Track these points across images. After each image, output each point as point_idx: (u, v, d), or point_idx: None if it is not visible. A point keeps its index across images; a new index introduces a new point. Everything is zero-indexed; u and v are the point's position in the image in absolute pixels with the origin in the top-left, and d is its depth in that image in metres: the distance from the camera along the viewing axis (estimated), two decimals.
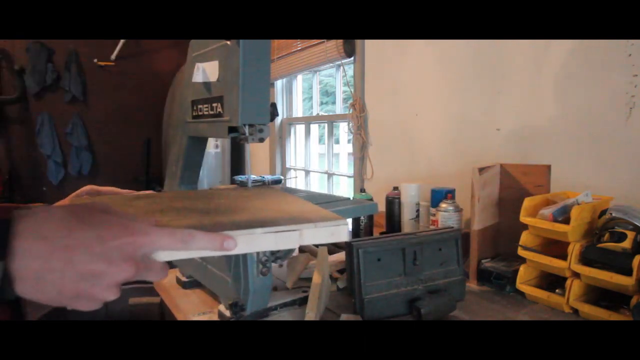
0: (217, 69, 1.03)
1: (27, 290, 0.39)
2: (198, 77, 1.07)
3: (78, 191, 0.82)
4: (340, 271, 1.24)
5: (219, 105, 1.03)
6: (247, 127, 0.97)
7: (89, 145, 3.98)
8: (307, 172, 3.10)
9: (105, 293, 0.41)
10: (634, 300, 0.91)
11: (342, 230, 0.57)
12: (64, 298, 0.40)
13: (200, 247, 0.46)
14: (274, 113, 1.00)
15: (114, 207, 0.45)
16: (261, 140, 1.00)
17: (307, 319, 0.94)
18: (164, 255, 0.45)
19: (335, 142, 2.85)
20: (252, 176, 2.75)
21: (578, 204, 1.06)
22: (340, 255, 1.33)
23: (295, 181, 3.14)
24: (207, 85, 1.08)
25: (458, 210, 1.39)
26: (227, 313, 0.98)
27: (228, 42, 0.98)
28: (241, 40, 0.93)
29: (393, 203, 1.67)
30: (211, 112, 1.08)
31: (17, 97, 3.78)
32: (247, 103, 0.96)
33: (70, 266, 0.39)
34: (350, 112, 2.29)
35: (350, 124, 2.32)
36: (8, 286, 0.38)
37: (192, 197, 0.79)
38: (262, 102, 0.98)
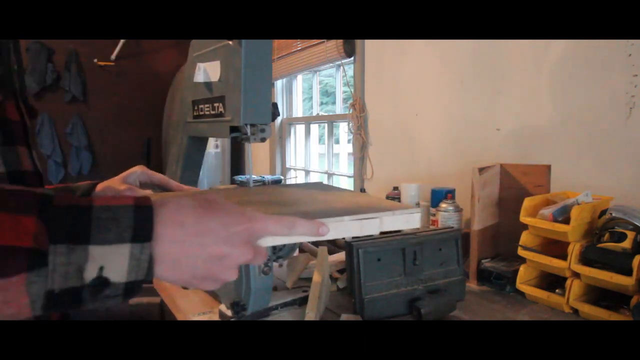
0: (219, 69, 1.03)
1: (164, 272, 0.42)
2: (199, 77, 1.07)
3: (129, 171, 0.84)
4: (340, 271, 1.24)
5: (221, 105, 1.03)
6: (248, 126, 0.97)
7: (89, 145, 3.98)
8: (307, 172, 3.10)
9: (228, 274, 0.46)
10: (634, 300, 0.91)
11: (415, 218, 0.62)
12: (195, 279, 0.44)
13: (300, 233, 0.50)
14: (275, 113, 1.00)
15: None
16: (263, 140, 1.00)
17: (307, 319, 0.94)
18: (268, 241, 0.49)
19: (335, 142, 2.85)
20: (253, 176, 2.76)
21: (578, 204, 1.06)
22: (340, 255, 1.33)
23: (295, 181, 3.14)
24: (208, 85, 1.08)
25: (458, 210, 1.39)
26: (228, 313, 0.98)
27: (230, 42, 0.98)
28: (243, 40, 0.93)
29: None
30: (212, 112, 1.08)
31: None
32: (249, 103, 0.96)
33: (202, 249, 0.43)
34: (350, 112, 2.29)
35: (350, 124, 2.32)
36: (150, 268, 0.41)
37: (255, 193, 0.84)
38: (263, 102, 0.98)
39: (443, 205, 1.39)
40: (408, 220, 0.61)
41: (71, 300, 0.38)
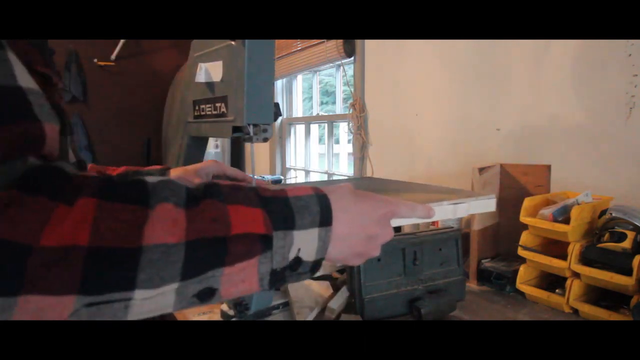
0: (221, 69, 1.03)
1: (333, 250, 0.47)
2: (201, 77, 1.07)
3: (203, 164, 0.88)
4: (340, 271, 1.24)
5: (223, 105, 1.03)
6: (251, 127, 0.97)
7: (89, 145, 3.98)
8: (307, 172, 3.10)
9: (374, 251, 0.52)
10: (634, 300, 0.91)
11: (492, 203, 0.73)
12: (351, 256, 0.50)
13: (418, 216, 0.57)
14: (277, 113, 1.00)
15: None
16: (265, 140, 1.00)
17: (297, 318, 0.94)
18: (393, 222, 0.55)
19: (335, 142, 2.85)
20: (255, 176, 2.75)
21: (578, 204, 1.06)
22: None
23: (295, 181, 3.14)
24: (209, 85, 1.08)
25: None
26: (231, 312, 0.98)
27: (232, 42, 0.98)
28: (246, 41, 0.93)
29: None
30: (214, 112, 1.08)
31: None
32: (251, 103, 0.96)
33: (362, 230, 0.49)
34: (350, 112, 2.29)
35: (350, 124, 2.32)
36: (327, 248, 0.46)
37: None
38: (266, 102, 0.98)
39: None
40: (487, 205, 0.71)
41: (280, 278, 0.44)
